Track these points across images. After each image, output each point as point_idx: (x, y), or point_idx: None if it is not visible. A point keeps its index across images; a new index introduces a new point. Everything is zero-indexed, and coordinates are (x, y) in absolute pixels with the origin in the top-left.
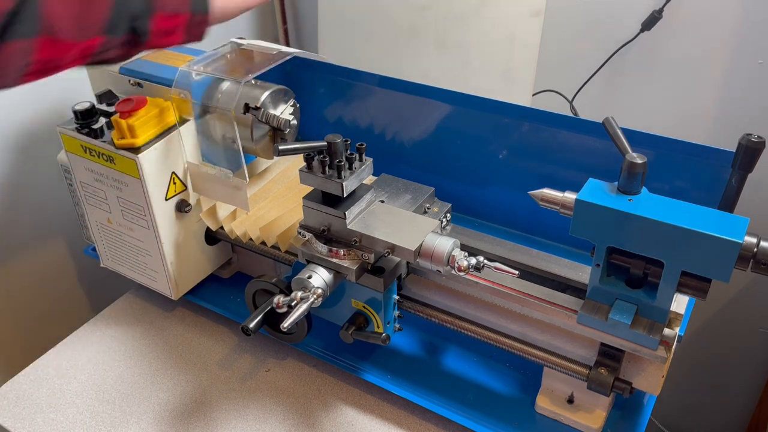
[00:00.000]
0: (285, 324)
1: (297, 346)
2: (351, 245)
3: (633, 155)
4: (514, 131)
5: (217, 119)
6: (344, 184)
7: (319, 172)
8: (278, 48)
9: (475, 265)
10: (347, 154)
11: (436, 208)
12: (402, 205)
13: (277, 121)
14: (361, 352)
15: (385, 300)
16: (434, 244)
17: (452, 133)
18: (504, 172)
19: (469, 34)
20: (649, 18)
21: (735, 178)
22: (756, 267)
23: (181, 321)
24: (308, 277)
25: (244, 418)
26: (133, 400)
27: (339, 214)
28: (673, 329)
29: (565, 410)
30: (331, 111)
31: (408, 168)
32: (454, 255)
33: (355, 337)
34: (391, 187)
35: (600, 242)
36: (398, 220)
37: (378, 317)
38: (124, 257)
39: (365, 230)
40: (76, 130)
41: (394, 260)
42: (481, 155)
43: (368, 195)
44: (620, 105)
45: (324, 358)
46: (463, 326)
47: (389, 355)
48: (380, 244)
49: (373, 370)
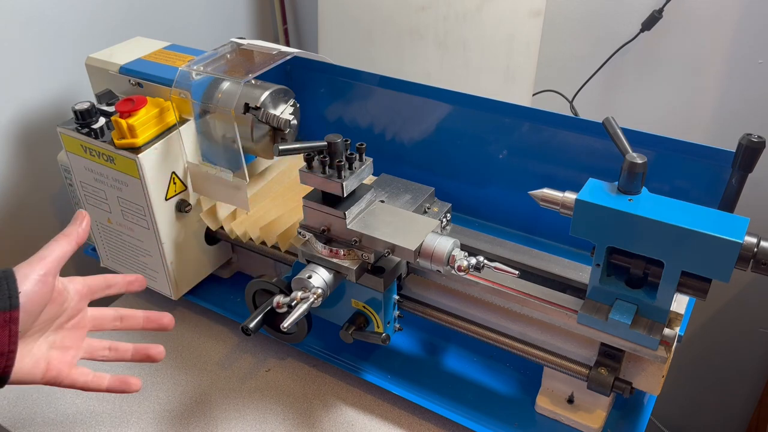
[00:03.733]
0: (285, 324)
1: (297, 346)
2: (351, 245)
3: (633, 155)
4: (514, 131)
5: (217, 119)
6: (344, 184)
7: (319, 172)
8: (278, 48)
9: (475, 265)
10: (347, 154)
11: (436, 208)
12: (402, 205)
13: (277, 121)
14: (361, 352)
15: (385, 300)
16: (434, 244)
17: (452, 133)
18: (504, 172)
19: (469, 34)
20: (649, 18)
21: (735, 178)
22: (756, 267)
23: (181, 321)
24: (308, 277)
25: (244, 417)
26: (133, 400)
27: (339, 214)
28: (673, 329)
29: (565, 410)
30: (331, 111)
31: (407, 168)
32: (454, 255)
33: (355, 337)
34: (391, 187)
35: (600, 242)
36: (398, 220)
37: (378, 317)
38: (124, 257)
39: (365, 230)
40: (76, 130)
41: (394, 260)
42: (481, 155)
43: (368, 195)
44: (620, 105)
45: (324, 358)
46: (463, 326)
47: (389, 355)
48: (380, 244)
49: (373, 370)
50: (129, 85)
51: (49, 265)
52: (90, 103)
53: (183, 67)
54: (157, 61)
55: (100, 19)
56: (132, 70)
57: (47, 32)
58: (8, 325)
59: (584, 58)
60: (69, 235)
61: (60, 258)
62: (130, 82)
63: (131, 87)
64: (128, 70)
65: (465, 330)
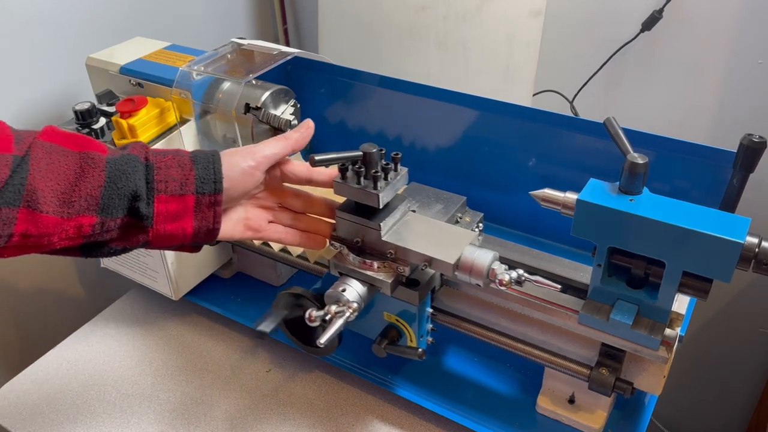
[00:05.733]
0: (322, 339)
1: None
2: (386, 257)
3: (634, 155)
4: (514, 131)
5: (218, 119)
6: (380, 195)
7: (353, 182)
8: (278, 48)
9: (516, 279)
10: (383, 164)
11: (468, 218)
12: (434, 215)
13: (278, 121)
14: (361, 352)
15: (419, 313)
16: (473, 257)
17: (452, 132)
18: (503, 172)
19: (469, 34)
20: (649, 18)
21: (736, 178)
22: (757, 267)
23: (182, 321)
24: (342, 290)
25: (244, 417)
26: (133, 400)
27: (374, 225)
28: (674, 329)
29: (566, 410)
30: (331, 111)
31: (409, 168)
32: (494, 268)
33: (389, 352)
34: (421, 195)
35: (601, 242)
36: (434, 231)
37: (411, 330)
38: (125, 257)
39: (401, 242)
40: (76, 130)
41: (429, 272)
42: (481, 155)
43: (402, 205)
44: (620, 105)
45: (323, 358)
46: (464, 326)
47: (388, 355)
48: (417, 257)
49: (373, 370)
50: (129, 86)
51: (259, 160)
52: (90, 104)
53: (183, 67)
54: (158, 61)
55: (100, 19)
56: (132, 70)
57: (47, 32)
58: (213, 207)
59: (584, 58)
60: (288, 138)
61: (273, 156)
62: (130, 82)
63: (131, 87)
64: (128, 70)
65: (465, 330)
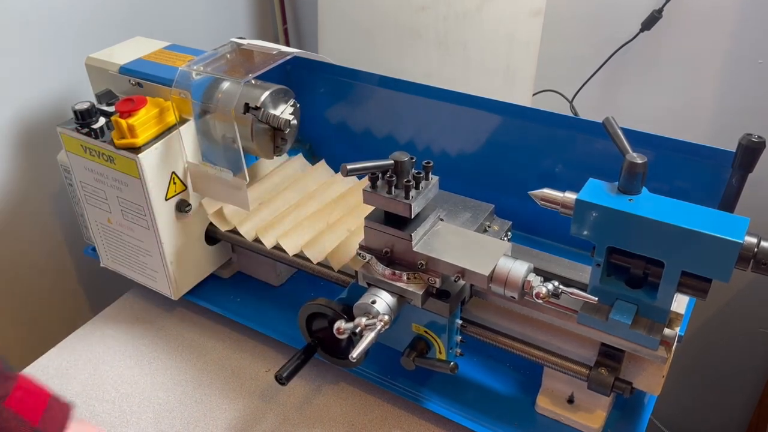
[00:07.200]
0: (354, 354)
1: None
2: (416, 268)
3: (633, 155)
4: (514, 131)
5: (218, 119)
6: (413, 204)
7: (384, 191)
8: (278, 48)
9: (553, 291)
10: (414, 173)
11: (497, 227)
12: (462, 224)
13: (277, 121)
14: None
15: (449, 325)
16: (509, 268)
17: (451, 133)
18: (502, 172)
19: (469, 34)
20: (649, 18)
21: (735, 178)
22: (756, 267)
23: (181, 321)
24: (372, 302)
25: (244, 417)
26: (133, 400)
27: (405, 236)
28: (673, 329)
29: (565, 410)
30: (331, 111)
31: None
32: (529, 280)
33: (419, 365)
34: (449, 204)
35: (600, 242)
36: (466, 241)
37: (441, 342)
38: (124, 257)
39: (433, 253)
40: (76, 130)
41: (460, 283)
42: (481, 155)
43: (432, 215)
44: (620, 105)
45: (323, 359)
46: (464, 326)
47: (388, 355)
48: (449, 269)
49: (373, 370)
50: (129, 85)
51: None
52: (90, 103)
53: (183, 67)
54: (157, 61)
55: (100, 19)
56: (132, 70)
57: (47, 32)
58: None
59: (584, 58)
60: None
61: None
62: (130, 82)
63: (131, 87)
64: (128, 70)
65: (465, 330)
